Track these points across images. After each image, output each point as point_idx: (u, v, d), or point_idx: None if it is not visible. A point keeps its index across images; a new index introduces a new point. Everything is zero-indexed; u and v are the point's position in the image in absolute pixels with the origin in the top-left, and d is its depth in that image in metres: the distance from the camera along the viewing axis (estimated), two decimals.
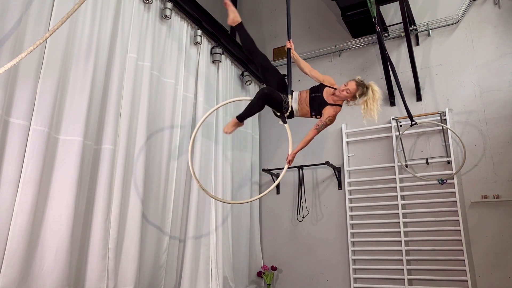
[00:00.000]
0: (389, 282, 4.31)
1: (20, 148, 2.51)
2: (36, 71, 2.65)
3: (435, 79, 4.67)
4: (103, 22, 3.22)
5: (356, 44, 5.21)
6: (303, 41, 5.42)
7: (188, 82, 4.18)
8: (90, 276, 2.84)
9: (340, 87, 2.94)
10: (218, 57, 4.63)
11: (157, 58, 3.78)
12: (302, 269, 4.88)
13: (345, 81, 3.02)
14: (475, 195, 4.15)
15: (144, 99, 3.50)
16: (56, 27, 2.06)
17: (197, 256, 3.96)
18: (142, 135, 3.42)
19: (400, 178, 4.52)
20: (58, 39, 2.80)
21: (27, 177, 2.49)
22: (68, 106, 2.86)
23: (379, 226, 4.50)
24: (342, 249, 4.69)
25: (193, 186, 4.01)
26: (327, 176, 5.03)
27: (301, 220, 4.98)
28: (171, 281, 3.67)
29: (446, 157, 4.35)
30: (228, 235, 4.39)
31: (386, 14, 5.02)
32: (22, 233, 2.42)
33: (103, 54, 3.17)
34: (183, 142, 3.96)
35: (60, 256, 2.60)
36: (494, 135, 4.21)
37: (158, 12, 3.89)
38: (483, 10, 4.59)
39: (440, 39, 4.75)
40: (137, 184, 3.30)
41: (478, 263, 4.00)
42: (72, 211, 2.69)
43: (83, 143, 2.85)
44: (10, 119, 2.50)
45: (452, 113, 4.45)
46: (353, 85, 2.90)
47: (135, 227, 3.21)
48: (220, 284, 4.03)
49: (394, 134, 4.64)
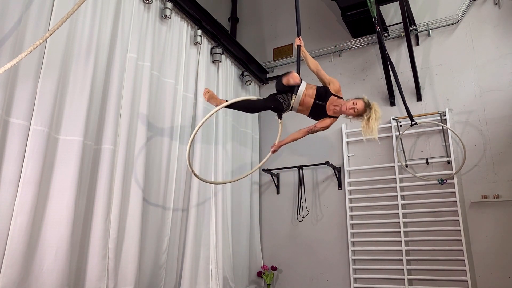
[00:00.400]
0: (389, 282, 4.31)
1: (20, 148, 2.51)
2: (36, 71, 2.65)
3: (435, 79, 4.67)
4: (103, 22, 3.22)
5: (356, 44, 5.21)
6: (303, 41, 5.41)
7: (188, 82, 4.18)
8: (90, 276, 2.84)
9: (347, 104, 2.98)
10: (218, 57, 4.63)
11: (157, 58, 3.78)
12: (302, 269, 4.88)
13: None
14: (475, 195, 4.15)
15: (144, 99, 3.50)
16: (56, 27, 2.06)
17: (197, 256, 3.96)
18: (142, 135, 3.42)
19: (400, 178, 4.52)
20: (58, 39, 2.80)
21: (27, 177, 2.49)
22: (68, 106, 2.86)
23: (379, 226, 4.50)
24: (342, 249, 4.69)
25: (193, 186, 4.01)
26: (327, 176, 5.03)
27: (301, 220, 4.98)
28: (171, 281, 3.67)
29: (446, 157, 4.35)
30: (228, 235, 4.39)
31: (386, 14, 5.02)
32: (22, 233, 2.42)
33: (103, 54, 3.17)
34: (183, 142, 3.96)
35: (60, 256, 2.60)
36: (494, 135, 4.21)
37: (158, 12, 3.89)
38: (483, 10, 4.59)
39: (440, 39, 4.76)
40: (137, 184, 3.30)
41: (478, 263, 4.00)
42: (72, 211, 2.69)
43: (83, 143, 2.85)
44: (10, 119, 2.49)
45: (452, 113, 4.45)
46: (362, 106, 2.95)
47: (135, 227, 3.20)
48: (220, 284, 4.04)
49: (394, 134, 4.64)
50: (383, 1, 4.37)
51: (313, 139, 5.04)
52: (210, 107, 4.48)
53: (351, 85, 5.07)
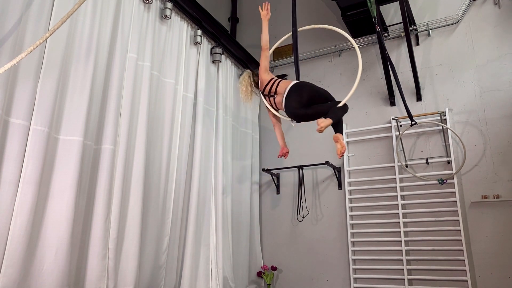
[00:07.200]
0: (389, 282, 4.31)
1: (20, 148, 2.51)
2: (36, 71, 2.65)
3: (435, 79, 4.67)
4: (103, 22, 3.22)
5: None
6: (303, 41, 5.40)
7: (188, 82, 4.18)
8: (90, 276, 2.84)
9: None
10: (218, 57, 4.63)
11: (157, 58, 3.78)
12: (302, 269, 4.88)
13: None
14: (475, 195, 4.15)
15: (144, 99, 3.50)
16: (56, 27, 2.07)
17: (197, 256, 3.96)
18: (142, 135, 3.42)
19: (400, 178, 4.52)
20: (58, 39, 2.80)
21: (27, 177, 2.49)
22: (68, 106, 2.86)
23: (379, 226, 4.51)
24: (342, 249, 4.69)
25: (193, 186, 4.01)
26: (327, 176, 5.03)
27: (301, 220, 4.99)
28: (171, 281, 3.67)
29: (446, 157, 4.35)
30: (228, 235, 4.39)
31: (386, 14, 5.02)
32: (22, 233, 2.42)
33: (103, 54, 3.16)
34: (183, 142, 3.96)
35: (60, 256, 2.60)
36: (494, 135, 4.22)
37: (158, 12, 3.89)
38: (483, 10, 4.60)
39: (440, 39, 4.76)
40: (137, 184, 3.30)
41: (478, 263, 4.01)
42: (72, 211, 2.69)
43: (83, 143, 2.85)
44: (10, 119, 2.49)
45: (452, 113, 4.46)
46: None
47: (135, 227, 3.20)
48: (220, 284, 4.04)
49: (394, 134, 4.64)
50: (383, 1, 4.37)
51: (313, 139, 5.05)
52: (210, 107, 4.49)
53: (351, 85, 5.05)
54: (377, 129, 4.80)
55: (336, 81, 5.22)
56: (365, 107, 4.97)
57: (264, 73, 3.29)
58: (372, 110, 4.92)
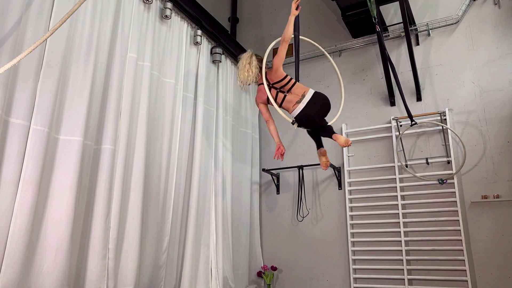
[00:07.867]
0: (389, 282, 4.31)
1: (20, 148, 2.51)
2: (36, 71, 2.65)
3: (435, 79, 4.67)
4: (103, 22, 3.21)
5: (356, 44, 5.21)
6: (303, 41, 5.41)
7: (188, 82, 4.17)
8: (90, 276, 2.84)
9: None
10: (218, 57, 4.63)
11: (157, 58, 3.78)
12: (302, 269, 4.88)
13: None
14: (475, 195, 4.15)
15: (144, 99, 3.50)
16: (56, 27, 2.07)
17: (197, 256, 3.96)
18: (142, 135, 3.42)
19: (400, 178, 4.52)
20: (58, 39, 2.80)
21: (27, 177, 2.49)
22: (68, 106, 2.86)
23: (379, 226, 4.51)
24: (342, 249, 4.69)
25: (193, 186, 4.01)
26: (327, 176, 5.03)
27: (301, 220, 4.99)
28: (171, 281, 3.67)
29: (446, 157, 4.36)
30: (228, 235, 4.39)
31: (386, 14, 5.02)
32: (22, 233, 2.42)
33: (103, 54, 3.16)
34: (183, 142, 3.96)
35: (60, 256, 2.60)
36: (494, 135, 4.22)
37: (158, 12, 3.89)
38: (483, 10, 4.60)
39: (440, 39, 4.76)
40: (137, 184, 3.30)
41: (478, 263, 4.01)
42: (72, 211, 2.69)
43: (83, 143, 2.85)
44: (10, 119, 2.49)
45: (452, 113, 4.46)
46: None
47: (135, 227, 3.20)
48: (220, 284, 4.04)
49: (394, 134, 4.64)
50: (383, 1, 4.37)
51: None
52: (210, 107, 4.49)
53: (351, 85, 5.07)
54: (377, 129, 4.80)
55: (336, 81, 5.21)
56: (365, 107, 4.97)
57: (281, 65, 3.25)
58: (372, 110, 4.92)
